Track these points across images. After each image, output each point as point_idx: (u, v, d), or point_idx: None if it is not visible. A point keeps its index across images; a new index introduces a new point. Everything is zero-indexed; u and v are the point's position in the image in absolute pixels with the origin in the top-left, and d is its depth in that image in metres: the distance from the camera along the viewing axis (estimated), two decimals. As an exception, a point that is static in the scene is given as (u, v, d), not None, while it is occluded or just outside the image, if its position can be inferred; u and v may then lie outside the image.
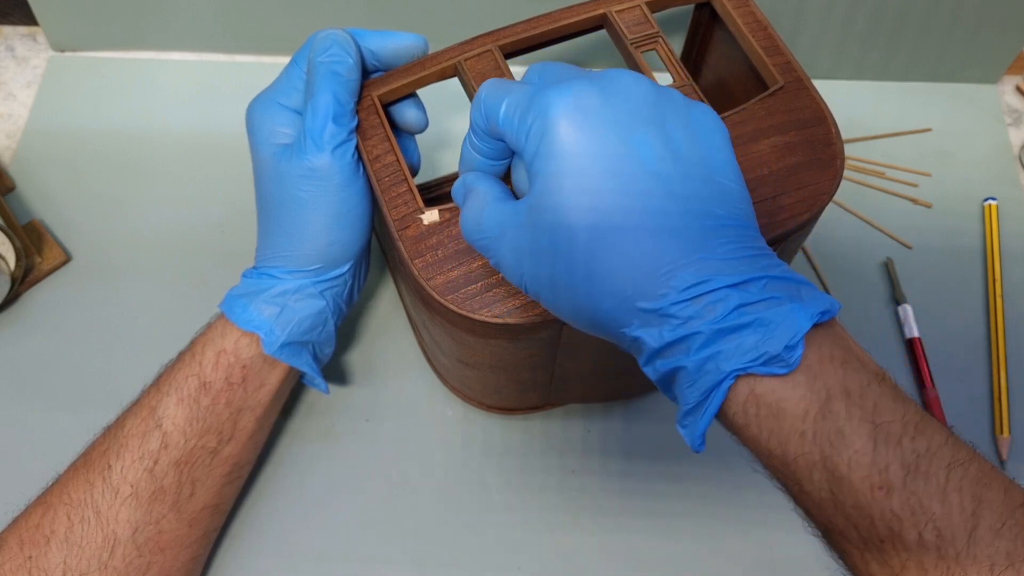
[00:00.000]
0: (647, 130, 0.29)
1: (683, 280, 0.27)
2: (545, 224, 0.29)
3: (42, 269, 0.54)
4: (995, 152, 0.61)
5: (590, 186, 0.28)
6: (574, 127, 0.28)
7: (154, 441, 0.40)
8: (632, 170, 0.28)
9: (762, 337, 0.27)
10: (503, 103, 0.31)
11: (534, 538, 0.47)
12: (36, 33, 0.65)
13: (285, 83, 0.41)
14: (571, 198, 0.28)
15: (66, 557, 0.39)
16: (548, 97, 0.29)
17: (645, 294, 0.28)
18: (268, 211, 0.42)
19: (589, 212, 0.28)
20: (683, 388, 0.28)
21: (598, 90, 0.29)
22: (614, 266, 0.28)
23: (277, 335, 0.42)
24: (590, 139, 0.28)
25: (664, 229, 0.28)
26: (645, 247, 0.28)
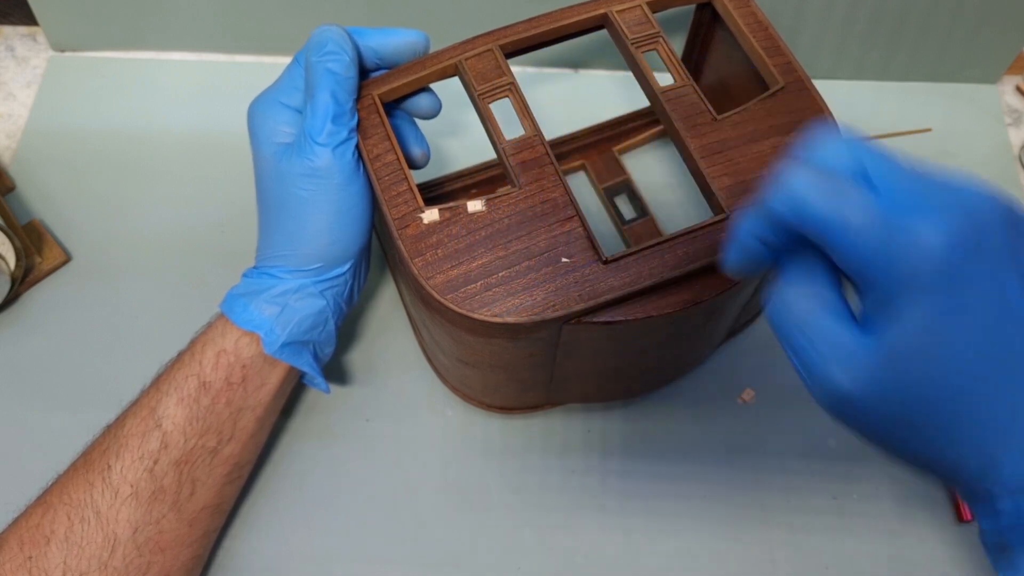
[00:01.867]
0: (1008, 263, 0.25)
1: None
2: (899, 376, 0.25)
3: (42, 269, 0.54)
4: (995, 152, 0.61)
5: (963, 341, 0.25)
6: (947, 269, 0.24)
7: (154, 441, 0.40)
8: (1007, 320, 0.25)
9: None
10: (841, 212, 0.25)
11: (534, 538, 0.47)
12: (36, 33, 0.65)
13: (287, 82, 0.41)
14: (948, 345, 0.25)
15: (66, 557, 0.39)
16: (919, 227, 0.25)
17: (1007, 451, 0.25)
18: (268, 210, 0.42)
19: (961, 370, 0.25)
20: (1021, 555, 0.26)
21: (972, 224, 0.25)
22: (985, 429, 0.25)
23: (277, 335, 0.42)
24: (963, 284, 0.25)
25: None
26: (1013, 399, 0.25)
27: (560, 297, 0.36)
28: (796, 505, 0.48)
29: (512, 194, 0.39)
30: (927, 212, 0.25)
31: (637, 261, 0.37)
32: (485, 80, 0.41)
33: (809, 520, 0.47)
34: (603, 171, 0.57)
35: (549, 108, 0.60)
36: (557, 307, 0.36)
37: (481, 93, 0.41)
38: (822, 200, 0.26)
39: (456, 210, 0.38)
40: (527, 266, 0.37)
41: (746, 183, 0.39)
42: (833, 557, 0.46)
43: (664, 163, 0.59)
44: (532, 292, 0.36)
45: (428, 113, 0.45)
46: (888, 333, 0.25)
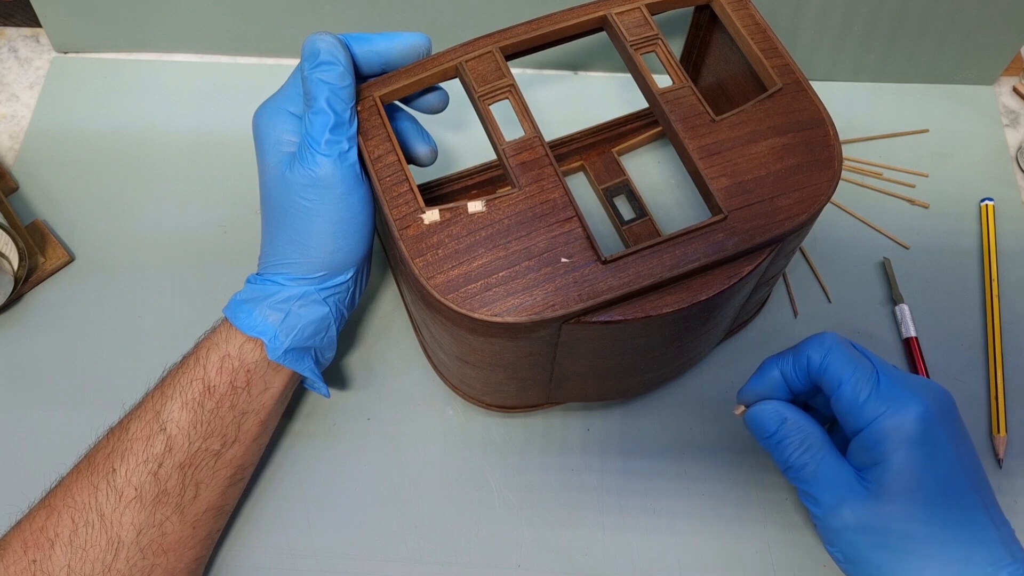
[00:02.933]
0: (952, 441, 0.36)
1: None
2: (880, 512, 0.35)
3: (45, 269, 0.54)
4: (992, 153, 0.61)
5: (927, 489, 0.35)
6: (919, 433, 0.35)
7: (158, 444, 0.41)
8: (956, 481, 0.35)
9: None
10: (853, 375, 0.37)
11: (534, 536, 0.47)
12: (39, 34, 0.66)
13: (291, 89, 0.42)
14: (911, 499, 0.35)
15: (70, 560, 0.39)
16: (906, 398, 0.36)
17: (953, 561, 0.35)
18: (272, 218, 0.42)
19: (922, 515, 0.35)
20: None
21: (936, 401, 0.36)
22: (933, 546, 0.35)
23: (281, 341, 0.42)
24: (934, 449, 0.35)
25: (978, 530, 0.35)
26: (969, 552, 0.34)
27: (560, 297, 0.37)
28: (794, 504, 0.48)
29: (512, 195, 0.39)
30: (913, 390, 0.36)
31: (636, 261, 0.38)
32: (485, 82, 0.42)
33: (806, 518, 0.48)
34: (602, 172, 0.57)
35: (549, 109, 0.60)
36: (557, 307, 0.36)
37: (481, 95, 0.41)
38: (845, 359, 0.37)
39: (457, 211, 0.38)
40: (527, 266, 0.37)
41: (744, 184, 0.39)
42: (831, 555, 0.47)
43: (663, 164, 0.60)
44: (532, 292, 0.37)
45: (437, 107, 0.45)
46: (882, 475, 0.36)
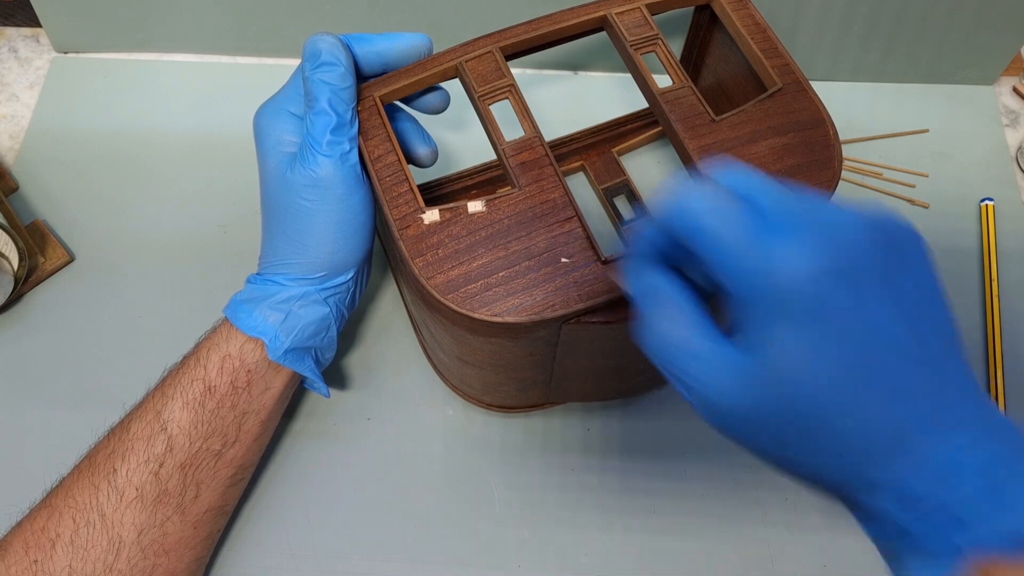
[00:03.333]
0: (878, 287, 0.26)
1: (921, 449, 0.26)
2: (770, 386, 0.27)
3: (45, 269, 0.54)
4: (992, 153, 0.61)
5: (828, 353, 0.26)
6: (808, 287, 0.26)
7: (159, 444, 0.41)
8: (870, 334, 0.26)
9: (1006, 513, 0.25)
10: (722, 227, 0.27)
11: (534, 536, 0.47)
12: (39, 34, 0.66)
13: (292, 90, 0.42)
14: (806, 365, 0.26)
15: (71, 561, 0.39)
16: (784, 244, 0.26)
17: (878, 463, 0.26)
18: (273, 218, 0.42)
19: (825, 380, 0.26)
20: (907, 556, 0.27)
21: (835, 245, 0.26)
22: (848, 439, 0.26)
23: (282, 341, 0.42)
24: (826, 301, 0.26)
25: (901, 397, 0.26)
26: (882, 418, 0.26)
27: (560, 297, 0.37)
28: (794, 503, 0.48)
29: (512, 195, 0.39)
30: (796, 235, 0.26)
31: (636, 261, 0.38)
32: (485, 82, 0.42)
33: (807, 518, 0.48)
34: (602, 172, 0.57)
35: (549, 109, 0.60)
36: (557, 307, 0.36)
37: (481, 95, 0.41)
38: (707, 212, 0.27)
39: (457, 211, 0.38)
40: (527, 266, 0.37)
41: None
42: (831, 555, 0.47)
43: (663, 164, 0.60)
44: (532, 292, 0.37)
45: (438, 108, 0.45)
46: (759, 356, 0.27)
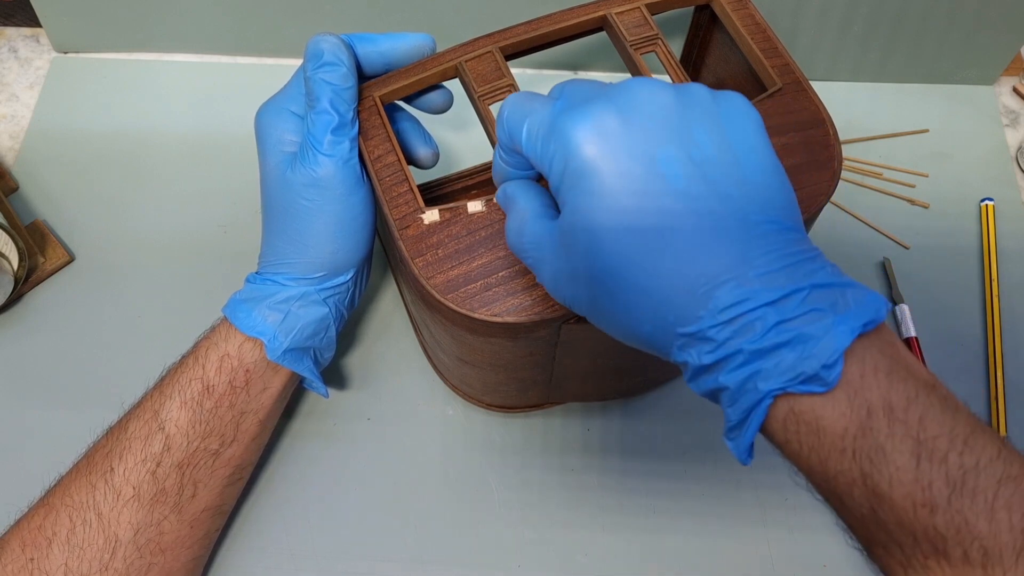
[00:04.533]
0: (672, 144, 0.28)
1: (719, 301, 0.27)
2: (577, 250, 0.28)
3: (45, 269, 0.54)
4: (992, 153, 0.61)
5: (617, 212, 0.27)
6: (596, 152, 0.28)
7: (157, 444, 0.41)
8: (659, 194, 0.27)
9: (800, 356, 0.26)
10: (524, 127, 0.30)
11: (534, 535, 0.47)
12: (39, 34, 0.66)
13: (294, 89, 0.42)
14: (599, 231, 0.28)
15: (67, 559, 0.39)
16: (567, 123, 0.28)
17: (682, 319, 0.27)
18: (273, 218, 0.42)
19: (619, 242, 0.27)
20: (725, 406, 0.28)
21: (616, 110, 0.28)
22: (649, 293, 0.28)
23: (280, 341, 0.42)
24: (613, 163, 0.27)
25: (698, 249, 0.27)
26: (679, 271, 0.27)
27: (559, 297, 0.37)
28: (794, 504, 0.48)
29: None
30: (578, 106, 0.28)
31: (636, 261, 0.38)
32: (485, 82, 0.42)
33: (806, 518, 0.48)
34: (602, 172, 0.57)
35: (549, 109, 0.60)
36: (556, 307, 0.36)
37: (481, 95, 0.41)
38: (514, 116, 0.31)
39: (457, 210, 0.38)
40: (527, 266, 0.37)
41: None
42: (830, 555, 0.47)
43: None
44: (532, 292, 0.37)
45: (440, 107, 0.45)
46: (562, 219, 0.29)
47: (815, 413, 0.26)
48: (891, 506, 0.26)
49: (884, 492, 0.26)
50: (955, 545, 0.25)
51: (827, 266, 0.28)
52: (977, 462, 0.25)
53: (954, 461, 0.25)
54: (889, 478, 0.26)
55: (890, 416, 0.26)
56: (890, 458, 0.26)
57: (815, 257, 0.28)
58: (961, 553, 0.25)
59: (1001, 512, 0.25)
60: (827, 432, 0.26)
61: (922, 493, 0.25)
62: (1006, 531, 0.25)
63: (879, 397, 0.26)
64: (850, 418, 0.26)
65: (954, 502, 0.25)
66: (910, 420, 0.26)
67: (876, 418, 0.26)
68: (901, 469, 0.25)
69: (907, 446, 0.26)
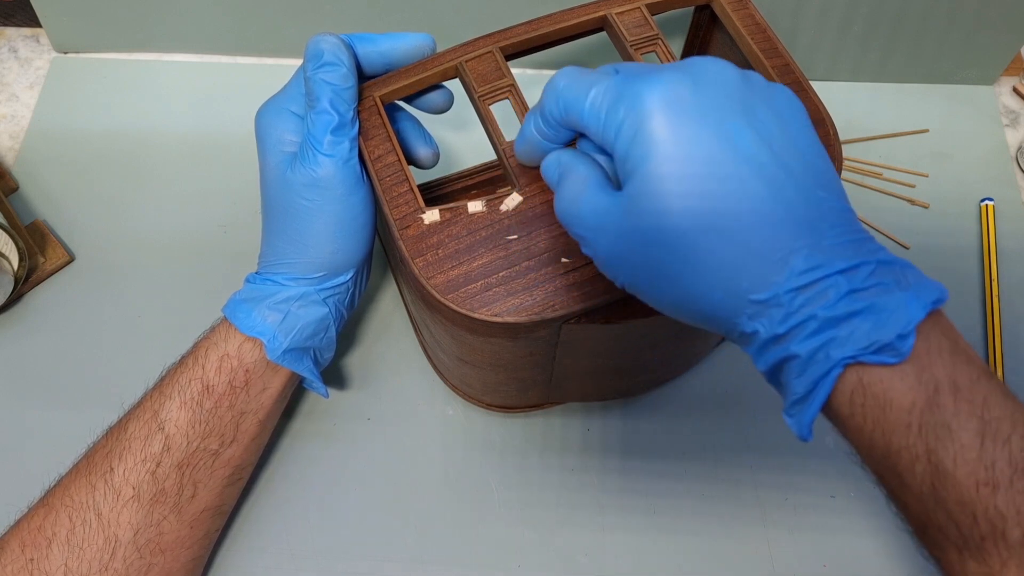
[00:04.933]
0: (740, 119, 0.28)
1: (794, 268, 0.27)
2: (646, 224, 0.28)
3: (45, 269, 0.54)
4: (992, 153, 0.61)
5: (692, 185, 0.27)
6: (669, 122, 0.28)
7: (156, 444, 0.41)
8: (732, 163, 0.27)
9: (874, 325, 0.26)
10: (588, 95, 0.30)
11: (534, 536, 0.47)
12: (39, 34, 0.66)
13: (294, 90, 0.42)
14: (673, 199, 0.27)
15: (67, 559, 0.39)
16: (640, 90, 0.28)
17: (756, 285, 0.27)
18: (273, 218, 0.42)
19: (694, 212, 0.27)
20: (792, 377, 0.28)
21: (689, 80, 0.28)
22: (722, 260, 0.28)
23: (280, 341, 0.42)
24: (686, 135, 0.27)
25: (771, 218, 0.27)
26: (754, 238, 0.27)
27: (560, 297, 0.37)
28: (794, 503, 0.48)
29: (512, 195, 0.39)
30: (647, 78, 0.28)
31: (636, 261, 0.38)
32: (486, 82, 0.42)
33: (807, 518, 0.48)
34: (602, 172, 0.57)
35: (549, 109, 0.60)
36: (557, 307, 0.36)
37: (481, 95, 0.41)
38: (573, 86, 0.30)
39: (457, 210, 0.38)
40: (527, 266, 0.37)
41: None
42: (830, 555, 0.47)
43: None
44: (532, 292, 0.37)
45: (441, 107, 0.45)
46: (627, 189, 0.29)
47: (884, 386, 0.27)
48: (954, 483, 0.26)
49: (947, 469, 0.26)
50: (1015, 526, 0.25)
51: (883, 248, 0.29)
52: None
53: (1017, 444, 0.26)
54: (954, 455, 0.26)
55: (956, 394, 0.26)
56: (955, 435, 0.26)
57: (871, 238, 0.29)
58: (1020, 535, 0.25)
59: None
60: (894, 406, 0.27)
61: (985, 472, 0.26)
62: None
63: (946, 375, 0.26)
64: (918, 392, 0.26)
65: (1016, 483, 0.25)
66: (975, 400, 0.26)
67: (943, 394, 0.26)
68: (966, 447, 0.26)
69: (972, 425, 0.26)
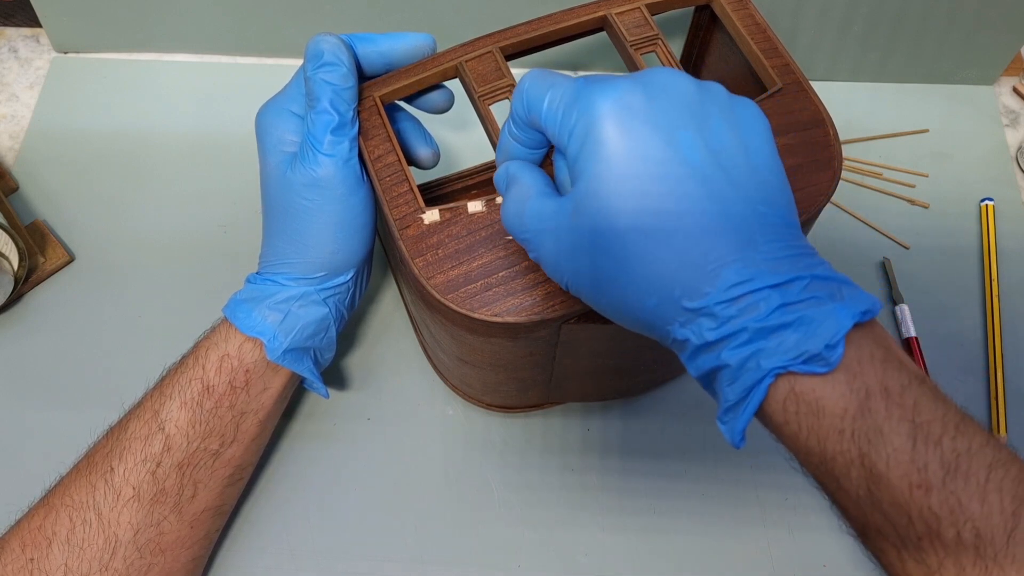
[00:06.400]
0: (690, 129, 0.29)
1: (727, 279, 0.27)
2: (588, 225, 0.29)
3: (45, 269, 0.54)
4: (992, 153, 0.61)
5: (635, 188, 0.28)
6: (619, 127, 0.28)
7: (157, 444, 0.41)
8: (677, 171, 0.28)
9: (803, 336, 0.27)
10: (546, 97, 0.30)
11: (534, 536, 0.47)
12: (39, 34, 0.66)
13: (294, 89, 0.42)
14: (615, 200, 0.28)
15: (67, 559, 0.39)
16: (592, 95, 0.29)
17: (689, 293, 0.28)
18: (273, 218, 0.42)
19: (634, 214, 0.28)
20: (724, 385, 0.29)
21: (641, 88, 0.29)
22: (658, 266, 0.28)
23: (280, 341, 0.42)
24: (635, 140, 0.28)
25: (709, 229, 0.28)
26: (689, 247, 0.28)
27: (560, 297, 0.37)
28: (794, 504, 0.48)
29: None
30: (606, 83, 0.29)
31: (636, 261, 0.38)
32: (485, 82, 0.42)
33: (806, 519, 0.48)
34: (602, 172, 0.57)
35: (549, 109, 0.60)
36: (556, 307, 0.36)
37: (481, 95, 0.41)
38: (535, 87, 0.31)
39: (457, 211, 0.38)
40: (527, 266, 0.37)
41: None
42: (830, 555, 0.47)
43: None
44: (532, 292, 0.37)
45: (441, 107, 0.45)
46: (575, 194, 0.29)
47: (815, 394, 0.27)
48: (888, 486, 0.26)
49: (881, 472, 0.26)
50: (949, 526, 0.26)
51: (824, 263, 0.29)
52: (969, 447, 0.26)
53: (948, 445, 0.26)
54: (887, 458, 0.26)
55: (887, 399, 0.27)
56: (887, 439, 0.26)
57: (813, 253, 0.29)
58: (955, 534, 0.26)
59: (992, 495, 0.26)
60: (827, 413, 0.27)
61: (918, 474, 0.26)
62: (997, 513, 0.25)
63: (876, 381, 0.27)
64: (849, 399, 0.27)
65: (948, 483, 0.26)
66: (906, 404, 0.27)
67: (874, 400, 0.27)
68: (898, 450, 0.26)
69: (904, 428, 0.26)
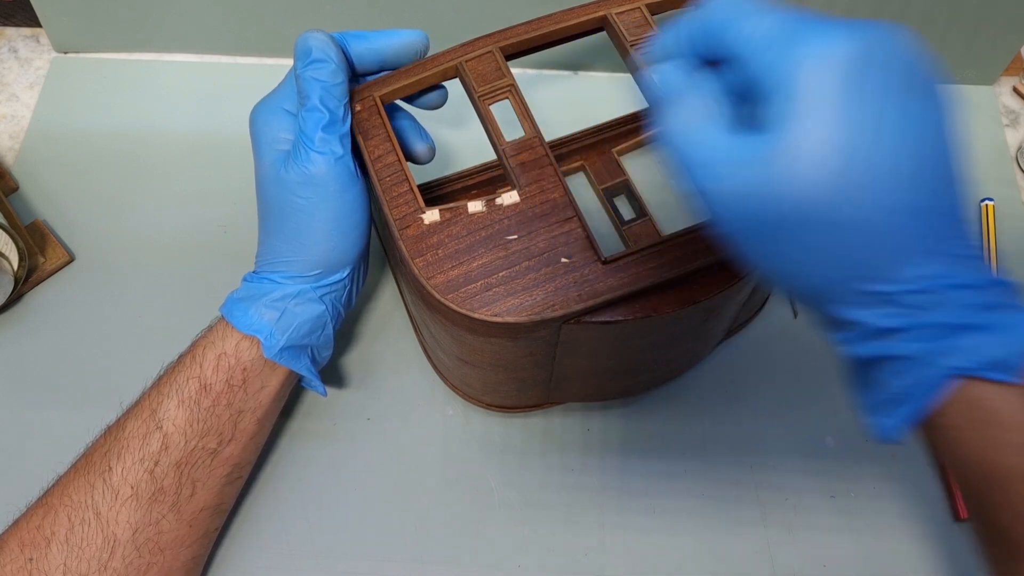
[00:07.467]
0: (908, 105, 0.26)
1: (922, 270, 0.26)
2: (781, 184, 0.26)
3: (45, 269, 0.54)
4: (992, 153, 0.61)
5: (844, 157, 0.25)
6: (842, 87, 0.25)
7: (155, 443, 0.41)
8: (891, 148, 0.26)
9: (997, 341, 0.26)
10: (756, 20, 0.27)
11: (534, 536, 0.47)
12: (39, 34, 0.66)
13: (287, 88, 0.42)
14: (820, 167, 0.25)
15: (66, 559, 0.39)
16: (829, 38, 0.26)
17: (877, 276, 0.27)
18: (268, 216, 0.42)
19: (838, 185, 0.25)
20: (889, 375, 0.27)
21: (882, 52, 0.26)
22: (851, 244, 0.26)
23: (277, 339, 0.42)
24: (856, 105, 0.25)
25: (909, 208, 0.26)
26: (889, 230, 0.26)
27: (560, 297, 0.37)
28: (794, 504, 0.48)
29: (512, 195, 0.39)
30: (831, 26, 0.26)
31: (636, 261, 0.38)
32: (485, 82, 0.42)
33: (807, 519, 0.48)
34: (602, 172, 0.57)
35: (549, 109, 0.60)
36: (556, 307, 0.36)
37: (481, 95, 0.41)
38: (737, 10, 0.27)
39: (457, 211, 0.38)
40: (527, 266, 0.37)
41: None
42: (831, 555, 0.47)
43: (663, 164, 0.60)
44: (532, 292, 0.37)
45: (436, 104, 0.45)
46: (778, 143, 0.26)
47: (993, 403, 0.26)
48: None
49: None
50: None
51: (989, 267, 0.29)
52: None
53: None
54: None
55: None
56: None
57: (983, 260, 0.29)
58: None
59: None
60: (1002, 424, 0.26)
61: None
62: None
63: None
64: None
65: None
66: None
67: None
68: None
69: None
